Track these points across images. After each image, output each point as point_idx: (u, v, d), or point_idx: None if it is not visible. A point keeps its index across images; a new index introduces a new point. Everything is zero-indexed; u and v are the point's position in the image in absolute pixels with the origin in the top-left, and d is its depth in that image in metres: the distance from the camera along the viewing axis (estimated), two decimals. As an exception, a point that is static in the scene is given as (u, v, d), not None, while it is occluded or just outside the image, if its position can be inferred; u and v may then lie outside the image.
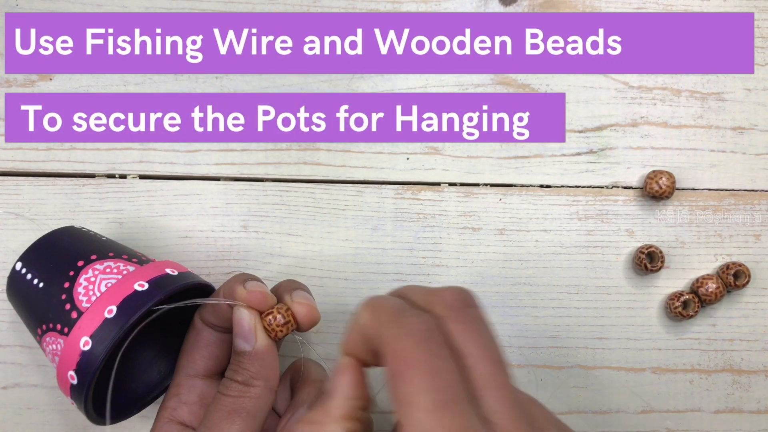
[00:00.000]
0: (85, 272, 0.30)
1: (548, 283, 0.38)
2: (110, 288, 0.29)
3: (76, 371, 0.27)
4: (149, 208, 0.37)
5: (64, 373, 0.28)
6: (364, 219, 0.37)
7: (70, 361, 0.28)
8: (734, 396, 0.38)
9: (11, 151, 0.37)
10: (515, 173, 0.38)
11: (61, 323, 0.28)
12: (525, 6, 0.38)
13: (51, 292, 0.29)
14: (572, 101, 0.38)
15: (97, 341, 0.27)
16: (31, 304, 0.30)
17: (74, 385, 0.28)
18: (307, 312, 0.29)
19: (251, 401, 0.28)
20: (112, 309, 0.28)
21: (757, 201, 0.38)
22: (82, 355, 0.27)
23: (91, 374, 0.27)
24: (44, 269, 0.30)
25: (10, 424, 0.36)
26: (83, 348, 0.27)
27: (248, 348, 0.28)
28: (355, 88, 0.38)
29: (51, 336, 0.29)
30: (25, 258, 0.31)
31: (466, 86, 0.38)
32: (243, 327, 0.28)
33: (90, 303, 0.28)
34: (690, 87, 0.38)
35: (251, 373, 0.28)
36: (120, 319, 0.27)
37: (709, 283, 0.37)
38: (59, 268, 0.30)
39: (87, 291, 0.29)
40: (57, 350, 0.28)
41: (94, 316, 0.28)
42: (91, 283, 0.29)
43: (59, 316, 0.28)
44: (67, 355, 0.28)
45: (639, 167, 0.38)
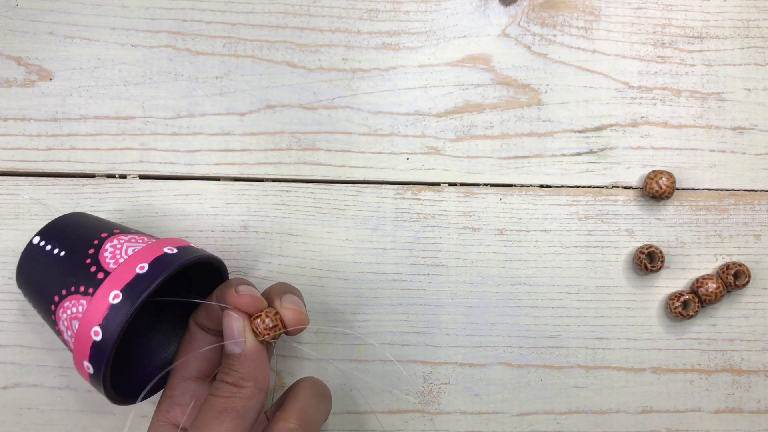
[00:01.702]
0: (110, 240, 0.30)
1: (548, 283, 0.38)
2: (139, 251, 0.29)
3: (101, 325, 0.27)
4: (149, 208, 0.37)
5: (86, 333, 0.27)
6: (364, 219, 0.37)
7: (96, 316, 0.27)
8: (734, 396, 0.38)
9: (11, 151, 0.37)
10: (515, 173, 0.38)
11: (85, 285, 0.28)
12: (525, 6, 0.38)
13: (74, 259, 0.29)
14: (572, 101, 0.38)
15: (128, 294, 0.27)
16: (50, 273, 0.30)
17: (96, 342, 0.27)
18: (295, 317, 0.30)
19: (241, 401, 0.28)
20: (144, 266, 0.28)
21: (757, 201, 0.38)
22: (111, 308, 0.27)
23: (119, 327, 0.27)
24: (66, 240, 0.30)
25: (10, 424, 0.36)
26: (113, 302, 0.27)
27: (237, 350, 0.28)
28: (356, 88, 0.38)
29: (72, 300, 0.28)
30: (44, 232, 0.31)
31: (467, 86, 0.38)
32: (232, 330, 0.29)
33: (118, 264, 0.28)
34: (690, 87, 0.38)
35: (241, 375, 0.28)
36: (151, 275, 0.27)
37: (709, 283, 0.37)
38: (82, 239, 0.30)
39: (114, 255, 0.29)
40: (78, 312, 0.28)
41: (126, 271, 0.28)
42: (117, 249, 0.29)
43: (83, 278, 0.28)
44: (92, 312, 0.27)
45: (639, 167, 0.38)
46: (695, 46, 0.38)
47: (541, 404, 0.37)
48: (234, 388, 0.28)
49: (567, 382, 0.37)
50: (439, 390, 0.37)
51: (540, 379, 0.37)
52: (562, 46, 0.38)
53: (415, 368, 0.37)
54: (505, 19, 0.38)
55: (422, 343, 0.37)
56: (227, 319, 0.29)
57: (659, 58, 0.38)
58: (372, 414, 0.37)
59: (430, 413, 0.37)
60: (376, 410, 0.37)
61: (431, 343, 0.37)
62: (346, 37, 0.38)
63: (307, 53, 0.38)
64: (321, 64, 0.38)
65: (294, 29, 0.38)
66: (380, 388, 0.37)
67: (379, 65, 0.38)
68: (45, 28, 0.37)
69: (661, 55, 0.38)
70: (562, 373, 0.37)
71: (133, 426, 0.36)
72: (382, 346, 0.37)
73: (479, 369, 0.37)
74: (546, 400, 0.37)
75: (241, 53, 0.38)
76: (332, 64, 0.38)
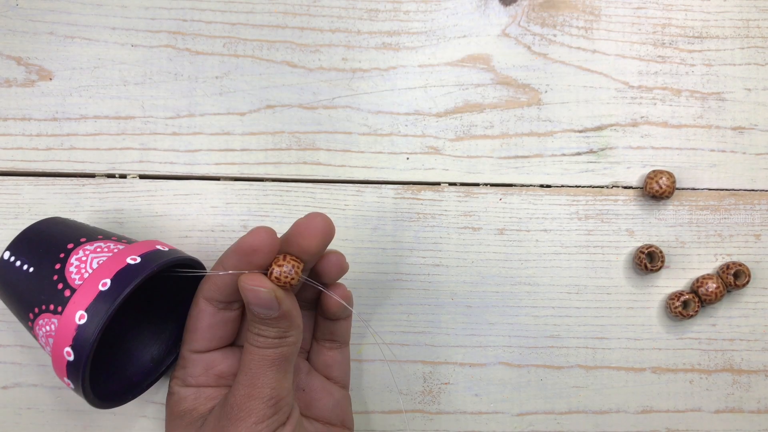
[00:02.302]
0: (76, 253, 0.29)
1: (548, 283, 0.38)
2: (103, 264, 0.28)
3: (72, 346, 0.27)
4: (149, 208, 0.37)
5: (59, 352, 0.28)
6: (364, 219, 0.37)
7: (66, 336, 0.27)
8: (734, 396, 0.38)
9: (11, 151, 0.37)
10: (515, 173, 0.38)
11: (54, 303, 0.28)
12: (525, 6, 0.38)
13: (42, 275, 0.29)
14: (572, 101, 0.38)
15: (93, 314, 0.27)
16: (22, 290, 0.30)
17: (71, 362, 0.27)
18: (312, 237, 0.29)
19: (289, 348, 0.29)
20: (106, 282, 0.28)
21: (757, 201, 0.38)
22: (78, 329, 0.27)
23: (88, 347, 0.27)
24: (34, 254, 0.30)
25: (10, 424, 0.36)
26: (79, 322, 0.27)
27: (274, 314, 0.28)
28: (356, 88, 0.38)
29: (44, 318, 0.28)
30: (13, 246, 0.31)
31: (467, 86, 0.38)
32: (262, 299, 0.28)
33: (83, 280, 0.28)
34: (690, 87, 0.38)
35: (283, 328, 0.29)
36: (114, 291, 0.27)
37: (709, 282, 0.37)
38: (49, 252, 0.30)
39: (79, 269, 0.29)
40: (51, 331, 0.28)
41: (89, 290, 0.28)
42: (82, 262, 0.29)
43: (52, 296, 0.28)
44: (62, 332, 0.27)
45: (639, 167, 0.38)
46: (695, 45, 0.38)
47: (541, 404, 0.37)
48: (279, 339, 0.29)
49: (567, 381, 0.37)
50: (439, 390, 0.37)
51: (540, 378, 0.37)
52: (562, 46, 0.38)
53: (415, 368, 0.37)
54: (505, 19, 0.38)
55: (422, 343, 0.37)
56: (252, 294, 0.28)
57: (659, 58, 0.38)
58: (372, 414, 0.37)
59: (430, 413, 0.37)
60: (376, 410, 0.37)
61: (431, 343, 0.37)
62: (346, 37, 0.38)
63: (307, 53, 0.38)
64: (321, 64, 0.38)
65: (294, 29, 0.38)
66: (380, 388, 0.37)
67: (379, 65, 0.38)
68: (45, 28, 0.37)
69: (662, 54, 0.38)
70: (562, 373, 0.37)
71: (133, 425, 0.36)
72: (382, 346, 0.37)
73: (479, 369, 0.37)
74: (546, 399, 0.37)
75: (241, 53, 0.38)
76: (332, 64, 0.38)
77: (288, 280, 0.28)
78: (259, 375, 0.29)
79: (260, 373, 0.29)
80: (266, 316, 0.28)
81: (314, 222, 0.29)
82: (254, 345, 0.29)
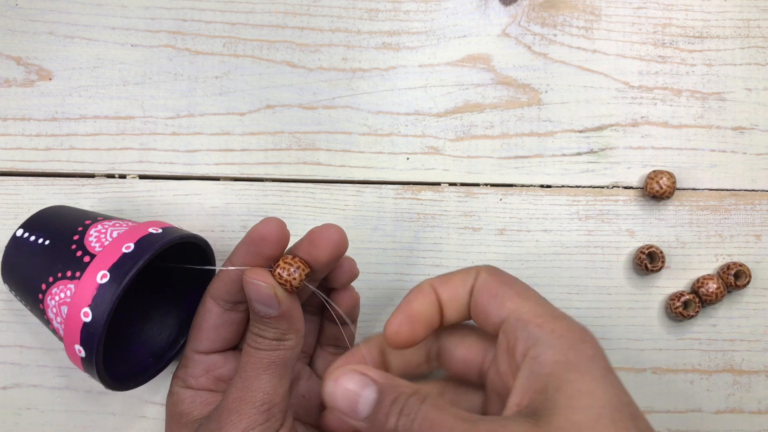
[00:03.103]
0: (95, 226, 0.30)
1: (548, 283, 0.38)
2: (125, 232, 0.29)
3: (91, 306, 0.27)
4: (149, 208, 0.37)
5: (75, 316, 0.27)
6: (364, 219, 0.37)
7: (84, 298, 0.27)
8: (735, 396, 0.38)
9: (11, 151, 0.37)
10: (515, 173, 0.38)
11: (72, 269, 0.28)
12: (525, 6, 0.38)
13: (59, 246, 0.29)
14: (572, 101, 0.38)
15: (115, 274, 0.27)
16: (36, 263, 0.29)
17: (87, 323, 0.27)
18: (325, 246, 0.29)
19: (287, 352, 0.29)
20: (130, 245, 0.28)
21: (757, 201, 0.38)
22: (99, 288, 0.27)
23: (109, 306, 0.26)
24: (50, 229, 0.30)
25: (10, 424, 0.36)
26: (100, 281, 0.27)
27: (274, 313, 0.28)
28: (356, 88, 0.38)
29: (59, 285, 0.28)
30: (28, 224, 0.31)
31: (467, 86, 0.38)
32: (262, 295, 0.28)
33: (103, 247, 0.28)
34: (690, 87, 0.38)
35: (282, 330, 0.28)
36: (138, 253, 0.27)
37: (710, 283, 0.37)
38: (66, 227, 0.30)
39: (99, 239, 0.29)
40: (66, 297, 0.28)
41: (112, 252, 0.28)
42: (101, 233, 0.29)
43: (69, 263, 0.28)
44: (80, 294, 0.27)
45: (639, 167, 0.38)
46: (696, 45, 0.38)
47: (541, 404, 0.37)
48: (277, 342, 0.28)
49: (567, 382, 0.37)
50: (439, 390, 0.37)
51: (540, 379, 0.37)
52: (563, 46, 0.38)
53: (415, 368, 0.37)
54: (506, 19, 0.38)
55: (422, 343, 0.37)
56: (254, 288, 0.28)
57: (660, 58, 0.38)
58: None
59: (430, 413, 0.37)
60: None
61: (431, 344, 0.37)
62: (346, 36, 0.38)
63: (307, 53, 0.38)
64: (321, 64, 0.38)
65: (294, 29, 0.38)
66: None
67: (379, 65, 0.38)
68: (45, 28, 0.37)
69: (662, 54, 0.38)
70: (563, 374, 0.37)
71: (133, 425, 0.36)
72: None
73: (479, 369, 0.37)
74: (546, 400, 0.37)
75: (241, 53, 0.38)
76: (332, 64, 0.38)
77: (289, 280, 0.28)
78: (253, 378, 0.28)
79: (254, 377, 0.28)
80: (265, 314, 0.28)
81: (327, 233, 0.29)
82: (252, 346, 0.29)
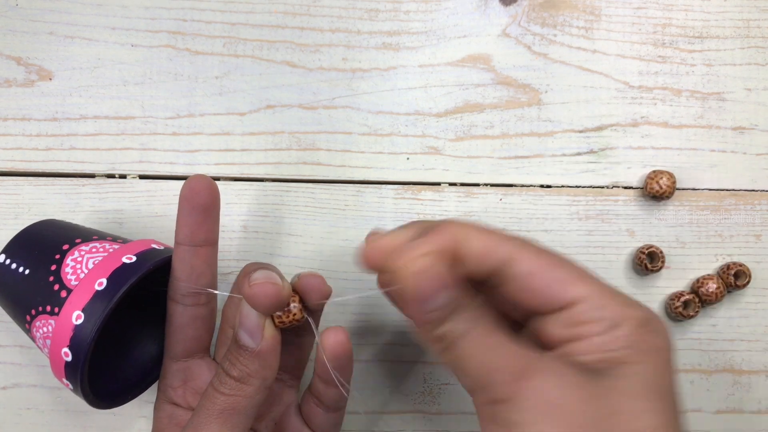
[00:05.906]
0: (71, 254, 0.29)
1: (548, 284, 0.37)
2: (98, 263, 0.28)
3: (69, 347, 0.27)
4: (149, 208, 0.37)
5: (57, 353, 0.28)
6: (364, 219, 0.37)
7: (63, 337, 0.27)
8: (735, 396, 0.38)
9: (11, 151, 0.37)
10: (515, 173, 0.38)
11: (50, 304, 0.28)
12: (525, 6, 0.38)
13: (38, 277, 0.29)
14: (572, 101, 0.38)
15: (89, 314, 0.27)
16: (19, 292, 0.30)
17: (68, 362, 0.27)
18: (318, 291, 0.27)
19: (245, 400, 0.26)
20: (102, 281, 0.28)
21: (757, 201, 0.38)
22: (75, 329, 0.27)
23: (86, 348, 0.27)
24: (29, 257, 0.30)
25: (10, 424, 0.36)
26: (75, 322, 0.27)
27: (252, 345, 0.26)
28: (356, 88, 0.38)
29: (41, 320, 0.28)
30: (8, 249, 0.31)
31: (467, 86, 0.38)
32: (250, 321, 0.26)
33: (78, 280, 0.28)
34: (690, 87, 0.38)
35: (249, 372, 0.26)
36: (110, 290, 0.27)
37: (710, 283, 0.37)
38: (44, 254, 0.30)
39: (75, 270, 0.29)
40: (48, 332, 0.28)
41: (85, 290, 0.28)
42: (78, 263, 0.29)
43: (48, 298, 0.28)
44: (59, 333, 0.27)
45: (639, 167, 0.38)
46: (696, 45, 0.38)
47: (541, 404, 0.37)
48: (238, 384, 0.26)
49: (567, 382, 0.37)
50: (439, 390, 0.37)
51: (540, 379, 0.37)
52: (563, 46, 0.38)
53: (415, 368, 0.37)
54: (506, 19, 0.38)
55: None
56: (245, 313, 0.26)
57: (660, 58, 0.38)
58: (372, 414, 0.37)
59: (430, 413, 0.37)
60: (376, 410, 0.37)
61: (431, 344, 0.37)
62: (346, 37, 0.38)
63: (307, 53, 0.38)
64: (321, 64, 0.38)
65: (294, 29, 0.38)
66: (380, 388, 0.37)
67: (379, 65, 0.38)
68: (45, 28, 0.37)
69: (662, 55, 0.38)
70: (563, 374, 0.37)
71: (133, 425, 0.36)
72: (383, 346, 0.37)
73: (479, 369, 0.37)
74: (546, 400, 0.37)
75: (241, 53, 0.38)
76: (332, 64, 0.38)
77: (285, 316, 0.27)
78: (202, 426, 0.26)
79: (203, 424, 0.26)
80: (245, 344, 0.26)
81: (314, 281, 0.28)
82: (212, 385, 0.27)
